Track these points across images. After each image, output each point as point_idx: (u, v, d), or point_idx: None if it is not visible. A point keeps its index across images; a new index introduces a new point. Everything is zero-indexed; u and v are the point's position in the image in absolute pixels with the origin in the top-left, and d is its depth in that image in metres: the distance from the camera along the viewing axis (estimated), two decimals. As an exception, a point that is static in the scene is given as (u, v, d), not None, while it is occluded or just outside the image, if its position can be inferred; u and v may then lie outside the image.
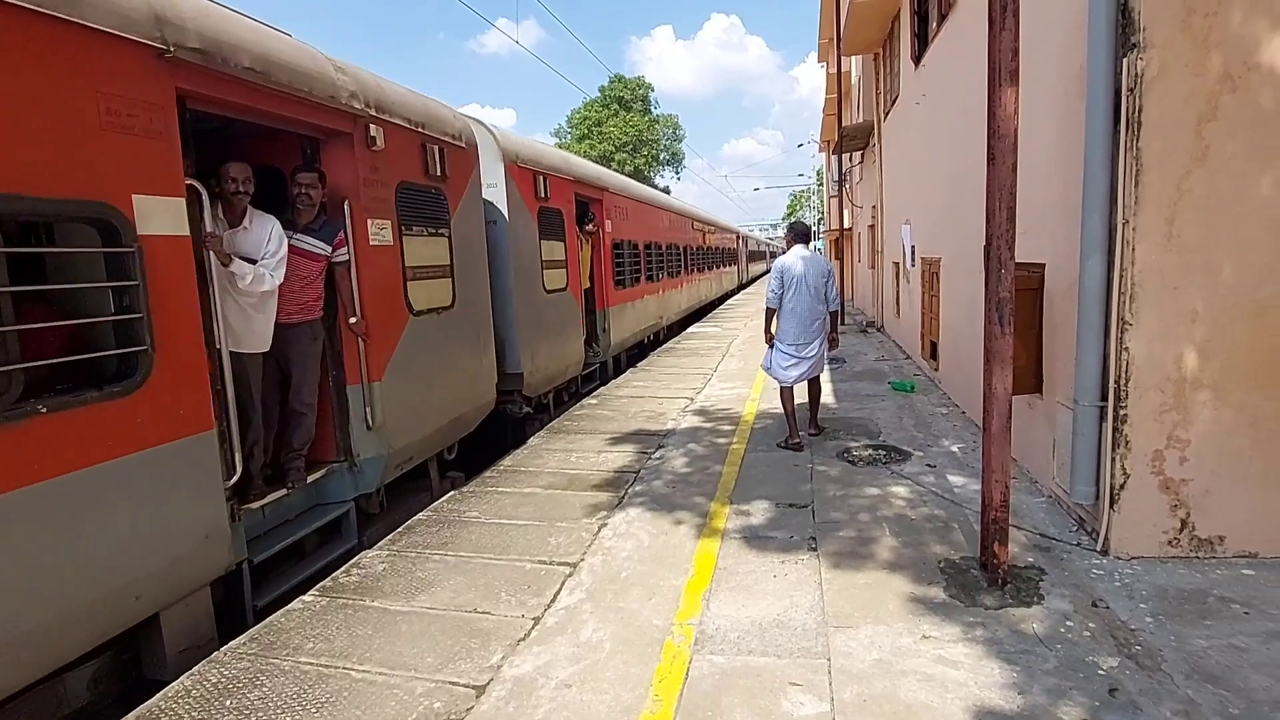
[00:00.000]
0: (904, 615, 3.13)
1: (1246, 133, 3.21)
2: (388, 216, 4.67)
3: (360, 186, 4.40)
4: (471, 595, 3.49)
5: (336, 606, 3.42)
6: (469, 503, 4.79)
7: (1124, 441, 3.48)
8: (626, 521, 4.36)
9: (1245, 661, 2.67)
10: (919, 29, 8.95)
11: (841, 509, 4.40)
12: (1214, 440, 3.43)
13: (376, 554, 4.00)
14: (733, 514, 4.42)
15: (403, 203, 4.83)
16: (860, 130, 15.05)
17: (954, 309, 7.18)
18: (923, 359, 9.12)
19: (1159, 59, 3.22)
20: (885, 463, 5.30)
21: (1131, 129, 3.30)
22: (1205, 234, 3.30)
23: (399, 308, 4.77)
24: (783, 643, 2.95)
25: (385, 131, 4.62)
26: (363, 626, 3.23)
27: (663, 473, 5.30)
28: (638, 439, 6.31)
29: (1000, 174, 3.12)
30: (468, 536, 4.21)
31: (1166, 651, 2.76)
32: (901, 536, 3.94)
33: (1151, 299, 3.38)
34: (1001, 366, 3.24)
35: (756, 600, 3.33)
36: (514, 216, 6.91)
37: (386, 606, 3.41)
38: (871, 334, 13.49)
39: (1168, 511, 3.50)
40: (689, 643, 2.99)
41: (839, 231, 20.37)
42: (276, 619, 3.32)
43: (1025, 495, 4.46)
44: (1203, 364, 3.39)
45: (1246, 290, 3.32)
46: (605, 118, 49.02)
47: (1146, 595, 3.19)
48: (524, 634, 3.12)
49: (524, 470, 5.50)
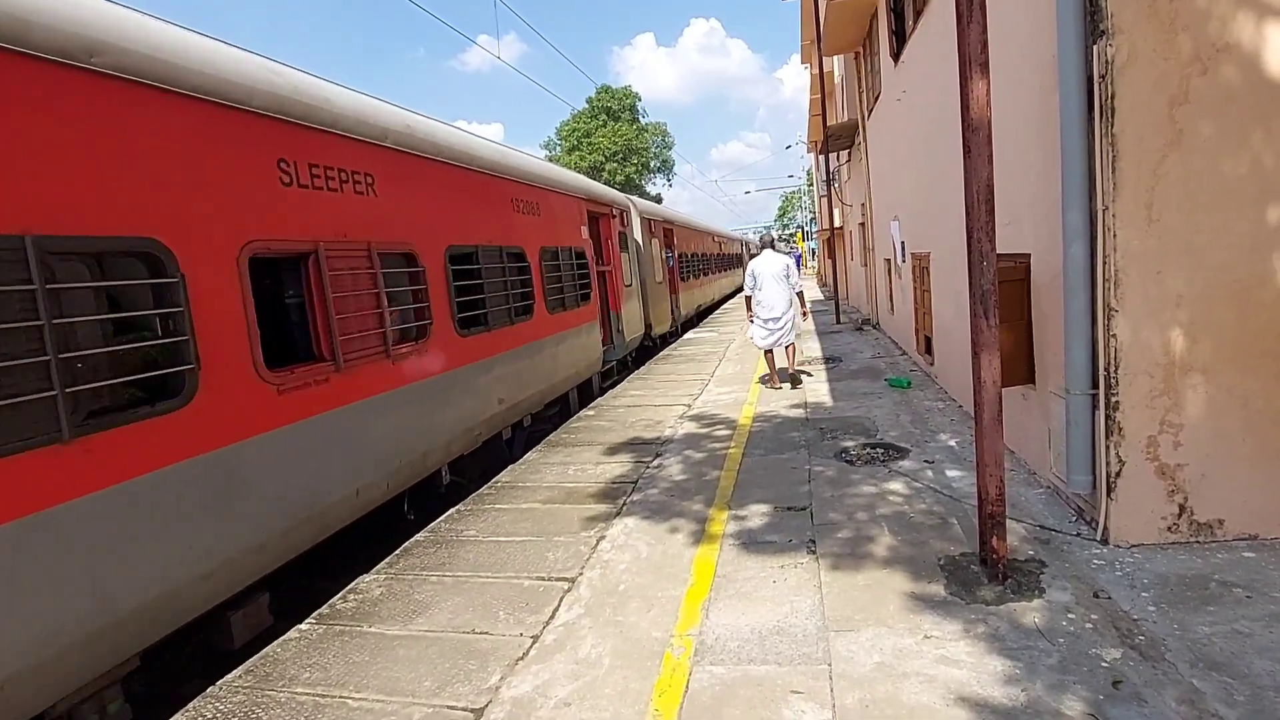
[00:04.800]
0: (904, 615, 3.10)
1: (1219, 114, 3.21)
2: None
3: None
4: (469, 616, 3.47)
5: (333, 634, 3.40)
6: (466, 521, 4.77)
7: (1117, 429, 3.47)
8: (625, 533, 4.34)
9: (1249, 647, 2.64)
10: (896, 26, 8.99)
11: (840, 509, 4.38)
12: (1207, 423, 3.41)
13: (374, 578, 3.97)
14: (731, 520, 4.40)
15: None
16: (845, 129, 15.10)
17: (945, 303, 7.18)
18: (918, 354, 9.10)
19: (1128, 44, 3.22)
20: (883, 461, 5.28)
21: (1105, 116, 3.30)
22: (1185, 217, 3.29)
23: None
24: (783, 650, 2.93)
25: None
26: (360, 653, 3.21)
27: (660, 481, 5.27)
28: (635, 448, 6.29)
29: (976, 166, 3.11)
30: (465, 556, 4.18)
31: (1170, 640, 2.73)
32: (900, 535, 3.92)
33: (1135, 284, 3.37)
34: (990, 359, 3.22)
35: (756, 607, 3.30)
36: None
37: (384, 631, 3.38)
38: (867, 331, 13.48)
39: (1165, 497, 3.48)
40: (689, 654, 2.96)
41: (830, 230, 20.40)
42: (273, 650, 3.30)
43: (1023, 487, 4.44)
44: (1190, 347, 3.37)
45: (1229, 270, 3.31)
46: (594, 128, 49.27)
47: (1148, 583, 3.17)
48: (523, 653, 3.10)
49: (522, 486, 5.47)
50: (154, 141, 3.21)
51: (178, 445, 3.18)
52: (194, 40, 3.60)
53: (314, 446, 4.00)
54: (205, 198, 3.44)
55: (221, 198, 3.53)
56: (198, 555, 3.25)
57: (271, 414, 3.70)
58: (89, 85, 2.91)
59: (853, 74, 14.31)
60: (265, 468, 3.65)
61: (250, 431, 3.56)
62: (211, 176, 3.49)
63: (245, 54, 3.99)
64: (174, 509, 3.15)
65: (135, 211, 3.08)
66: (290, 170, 3.99)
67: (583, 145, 48.86)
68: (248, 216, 3.67)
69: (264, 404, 3.67)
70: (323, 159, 4.27)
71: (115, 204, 2.99)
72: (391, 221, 4.93)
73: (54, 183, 2.75)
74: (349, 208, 4.48)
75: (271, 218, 3.84)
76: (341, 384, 4.24)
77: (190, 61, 3.42)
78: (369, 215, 4.68)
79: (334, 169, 4.36)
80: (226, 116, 3.60)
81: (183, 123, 3.36)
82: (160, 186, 3.22)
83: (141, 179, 3.13)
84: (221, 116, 3.57)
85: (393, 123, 5.08)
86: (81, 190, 2.85)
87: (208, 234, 3.43)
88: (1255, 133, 3.17)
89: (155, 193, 3.18)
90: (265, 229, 3.78)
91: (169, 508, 3.13)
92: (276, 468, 3.73)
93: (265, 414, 3.66)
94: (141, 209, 3.11)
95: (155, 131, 3.22)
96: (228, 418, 3.44)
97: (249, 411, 3.57)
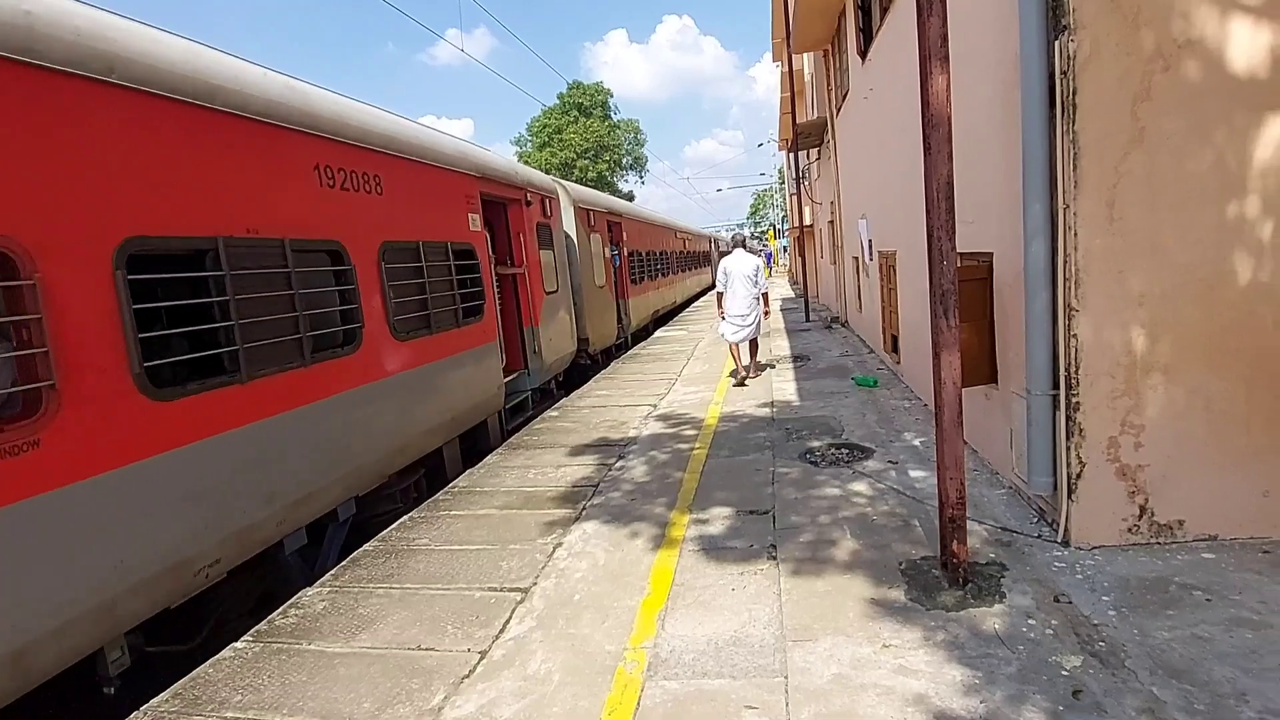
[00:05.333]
0: (863, 623, 3.02)
1: (1182, 111, 3.17)
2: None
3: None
4: (416, 631, 3.31)
5: (270, 652, 3.22)
6: (419, 529, 4.59)
7: (1078, 430, 3.42)
8: (583, 539, 4.21)
9: (1209, 653, 2.60)
10: (864, 24, 8.96)
11: (803, 512, 4.29)
12: (1168, 423, 3.38)
13: (317, 591, 3.79)
14: (692, 523, 4.29)
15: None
16: (815, 127, 15.10)
17: (911, 302, 7.15)
18: (885, 352, 9.10)
19: (1090, 39, 3.16)
20: (847, 462, 5.22)
21: (1067, 112, 3.24)
22: (1147, 215, 3.25)
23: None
24: (739, 662, 2.82)
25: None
26: (297, 672, 3.03)
27: (622, 484, 5.15)
28: (598, 450, 6.15)
29: (936, 163, 3.03)
30: (415, 566, 4.01)
31: (1130, 646, 2.68)
32: (862, 538, 3.84)
33: (1097, 283, 3.32)
34: (950, 360, 3.15)
35: (713, 616, 3.19)
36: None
37: (324, 649, 3.21)
38: (836, 329, 13.49)
39: (1126, 498, 3.44)
40: (642, 669, 2.84)
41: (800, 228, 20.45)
42: (204, 670, 3.11)
43: (985, 488, 4.40)
44: (1152, 347, 3.34)
45: (1192, 269, 3.27)
46: (565, 125, 48.83)
47: (1108, 587, 3.12)
48: (469, 670, 2.95)
49: (479, 490, 5.31)
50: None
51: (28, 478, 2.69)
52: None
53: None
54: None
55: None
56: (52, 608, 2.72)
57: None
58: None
59: (822, 72, 14.31)
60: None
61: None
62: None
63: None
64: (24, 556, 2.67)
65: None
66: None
67: (554, 141, 48.42)
68: None
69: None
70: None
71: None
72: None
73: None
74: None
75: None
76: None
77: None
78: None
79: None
80: None
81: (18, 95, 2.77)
82: (10, 177, 2.76)
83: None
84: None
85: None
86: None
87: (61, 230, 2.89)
88: (1218, 130, 3.13)
89: (4, 185, 2.72)
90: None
91: (15, 556, 2.65)
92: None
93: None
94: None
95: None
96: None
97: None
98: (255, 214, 4.00)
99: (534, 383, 8.49)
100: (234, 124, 3.92)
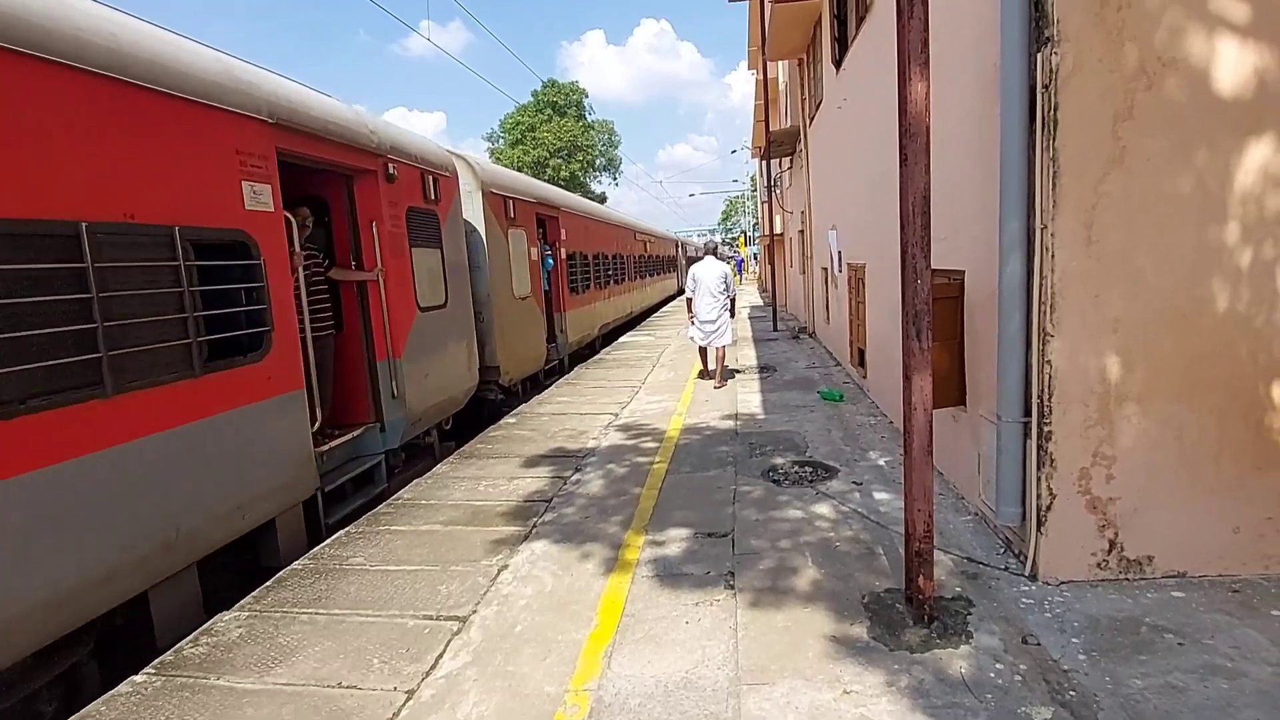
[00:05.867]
0: (824, 663, 2.81)
1: (1164, 131, 3.04)
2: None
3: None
4: (338, 665, 3.02)
5: (173, 688, 2.90)
6: (355, 546, 4.28)
7: (1049, 460, 3.28)
8: (530, 561, 3.95)
9: (1184, 705, 2.45)
10: (839, 33, 8.85)
11: (763, 535, 4.09)
12: (1140, 455, 3.25)
13: (234, 616, 3.47)
14: (647, 545, 4.06)
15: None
16: (787, 135, 15.03)
17: (879, 316, 7.04)
18: (851, 366, 9.00)
19: (1074, 53, 3.02)
20: (811, 481, 5.04)
21: (1047, 128, 3.10)
22: (1126, 239, 3.12)
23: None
24: (689, 709, 2.59)
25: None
26: (199, 712, 2.72)
27: (577, 499, 4.90)
28: (555, 461, 5.89)
29: (913, 175, 2.86)
30: (346, 589, 3.71)
31: (1102, 697, 2.52)
32: (824, 566, 3.66)
33: (1073, 307, 3.18)
34: (921, 384, 2.97)
35: (664, 654, 2.97)
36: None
37: (233, 685, 2.90)
38: (803, 340, 13.41)
39: (1096, 532, 3.31)
40: (583, 714, 2.60)
41: (771, 237, 20.42)
42: (95, 709, 2.77)
43: (951, 514, 4.25)
44: (1126, 375, 3.21)
45: (1169, 296, 3.15)
46: (539, 123, 48.40)
47: (1079, 627, 2.97)
48: (393, 713, 2.67)
49: (424, 504, 5.01)
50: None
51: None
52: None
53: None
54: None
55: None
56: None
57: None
58: None
59: (796, 81, 14.25)
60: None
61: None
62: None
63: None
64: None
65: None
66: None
67: (526, 139, 47.95)
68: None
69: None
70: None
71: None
72: None
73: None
74: None
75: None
76: None
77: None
78: None
79: None
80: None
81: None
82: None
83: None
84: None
85: None
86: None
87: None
88: (1199, 152, 3.01)
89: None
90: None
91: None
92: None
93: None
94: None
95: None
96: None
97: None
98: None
99: (393, 441, 5.87)
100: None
